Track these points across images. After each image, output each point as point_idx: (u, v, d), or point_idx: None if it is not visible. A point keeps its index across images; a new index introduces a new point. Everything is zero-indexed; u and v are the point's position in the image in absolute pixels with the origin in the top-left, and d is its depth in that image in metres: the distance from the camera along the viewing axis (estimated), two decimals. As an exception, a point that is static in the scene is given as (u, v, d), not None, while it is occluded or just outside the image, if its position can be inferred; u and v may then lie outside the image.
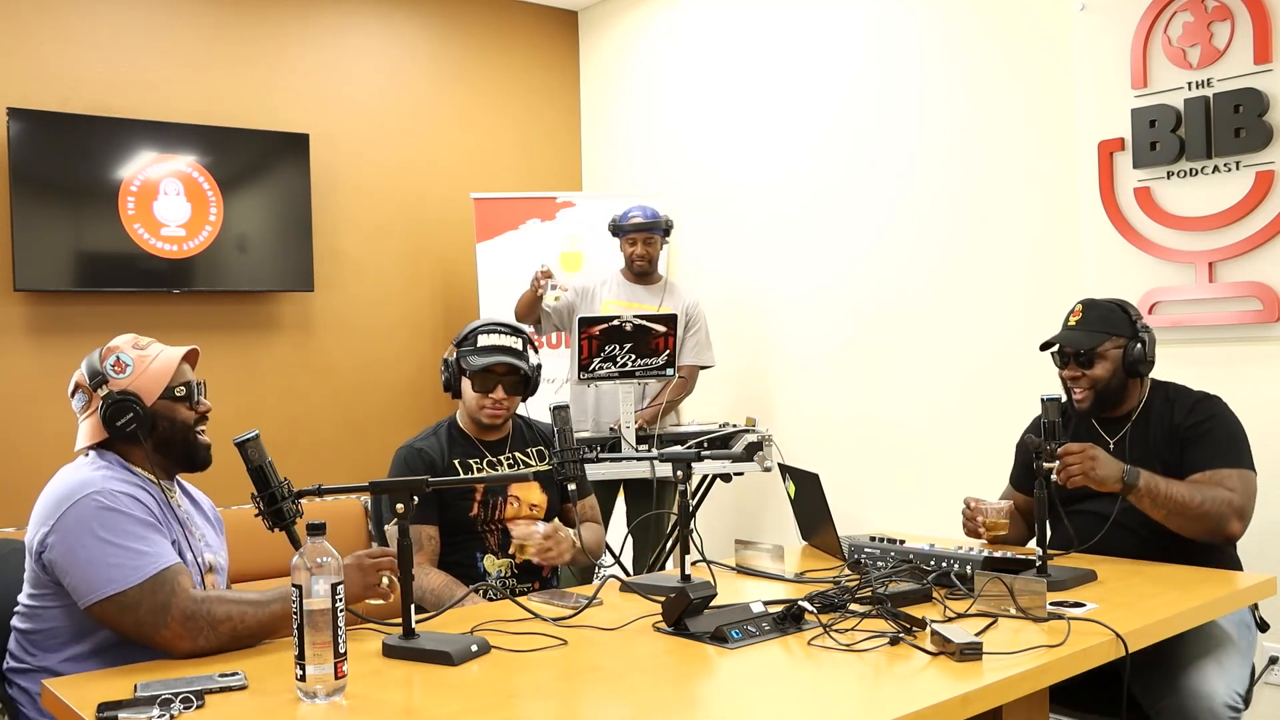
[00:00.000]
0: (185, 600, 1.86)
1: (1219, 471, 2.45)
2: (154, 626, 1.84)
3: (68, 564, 1.87)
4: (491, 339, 2.70)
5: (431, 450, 2.69)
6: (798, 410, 4.62)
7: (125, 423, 1.98)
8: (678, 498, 2.26)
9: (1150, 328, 2.64)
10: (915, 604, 2.06)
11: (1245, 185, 3.22)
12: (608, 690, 1.69)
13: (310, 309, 4.96)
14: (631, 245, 4.27)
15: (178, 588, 1.87)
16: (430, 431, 2.77)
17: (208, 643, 1.85)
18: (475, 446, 2.74)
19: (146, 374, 2.03)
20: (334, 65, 5.05)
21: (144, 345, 2.08)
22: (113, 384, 2.00)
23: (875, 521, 3.78)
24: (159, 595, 1.84)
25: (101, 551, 1.85)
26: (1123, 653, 1.85)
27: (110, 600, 1.84)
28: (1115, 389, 2.59)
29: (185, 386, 2.07)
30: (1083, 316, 2.64)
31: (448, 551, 2.64)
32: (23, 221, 4.21)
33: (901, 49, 4.23)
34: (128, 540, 1.87)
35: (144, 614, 1.84)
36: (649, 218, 4.25)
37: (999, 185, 3.91)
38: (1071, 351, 2.61)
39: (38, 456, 4.17)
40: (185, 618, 1.84)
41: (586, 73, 5.80)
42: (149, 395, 2.02)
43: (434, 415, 5.08)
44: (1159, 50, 3.39)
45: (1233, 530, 2.41)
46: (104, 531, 1.86)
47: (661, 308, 4.11)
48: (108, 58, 4.49)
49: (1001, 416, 3.68)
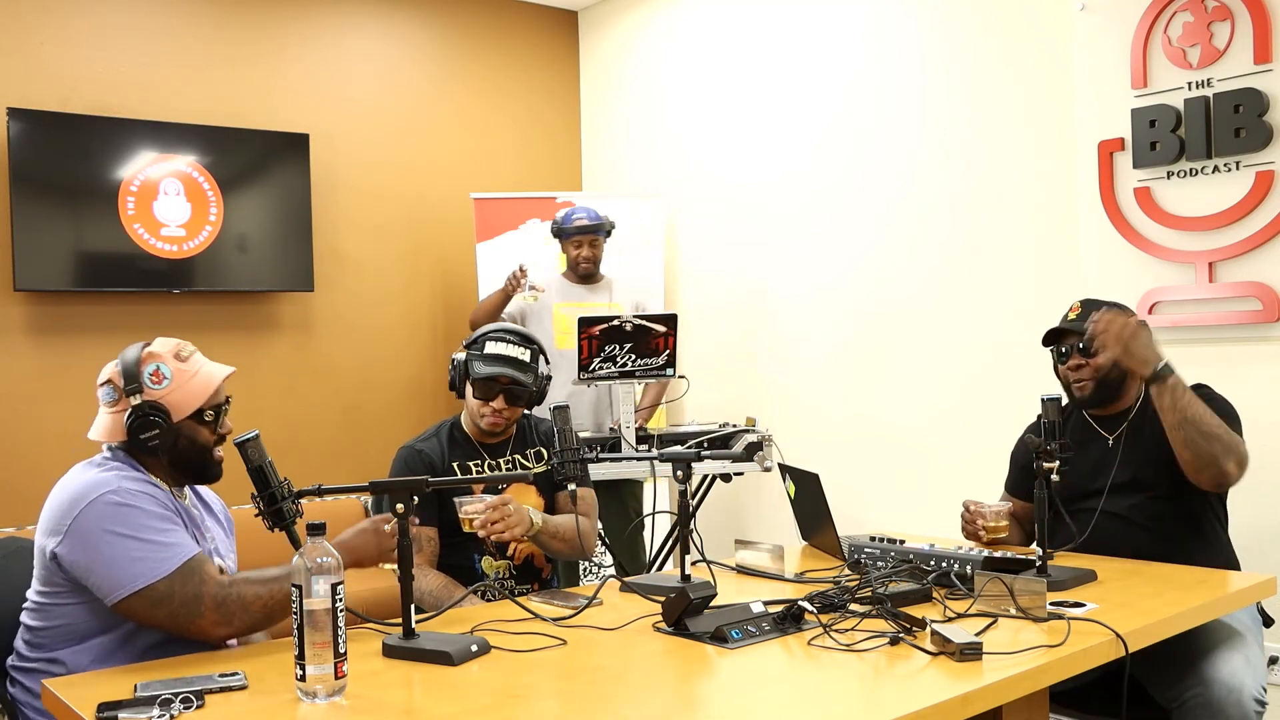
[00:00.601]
0: (215, 587, 1.88)
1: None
2: (189, 617, 1.87)
3: (89, 563, 1.86)
4: (500, 348, 2.65)
5: (432, 451, 2.68)
6: (798, 410, 4.62)
7: (149, 437, 1.97)
8: (679, 498, 2.26)
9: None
10: (915, 604, 2.06)
11: (1245, 185, 3.22)
12: (608, 690, 1.69)
13: (310, 309, 4.96)
14: (577, 248, 4.29)
15: (206, 576, 1.89)
16: (432, 432, 2.76)
17: (243, 624, 1.89)
18: (475, 449, 2.73)
19: (182, 390, 2.01)
20: (334, 65, 5.06)
21: (186, 357, 2.05)
22: (147, 394, 1.98)
23: (875, 521, 3.78)
24: (189, 585, 1.86)
25: (124, 547, 1.85)
26: (1123, 653, 1.85)
27: (140, 595, 1.85)
28: (1116, 379, 2.60)
29: (215, 410, 2.05)
30: (1081, 311, 2.67)
31: (446, 553, 2.63)
32: (23, 221, 4.21)
33: (901, 49, 4.23)
34: (148, 534, 1.88)
35: (177, 606, 1.86)
36: (593, 219, 4.27)
37: (999, 185, 3.91)
38: (1075, 341, 2.61)
39: (38, 456, 4.18)
40: (218, 604, 1.87)
41: (586, 73, 5.80)
42: (178, 412, 2.00)
43: (433, 415, 5.11)
44: (1159, 50, 3.39)
45: (1229, 469, 2.40)
46: (122, 528, 1.87)
47: (613, 305, 4.13)
48: (108, 58, 4.49)
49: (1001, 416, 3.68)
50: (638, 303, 4.36)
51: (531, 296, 4.27)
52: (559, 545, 2.58)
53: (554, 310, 4.29)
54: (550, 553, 2.65)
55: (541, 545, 2.59)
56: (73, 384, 4.30)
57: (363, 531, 2.07)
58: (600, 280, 4.38)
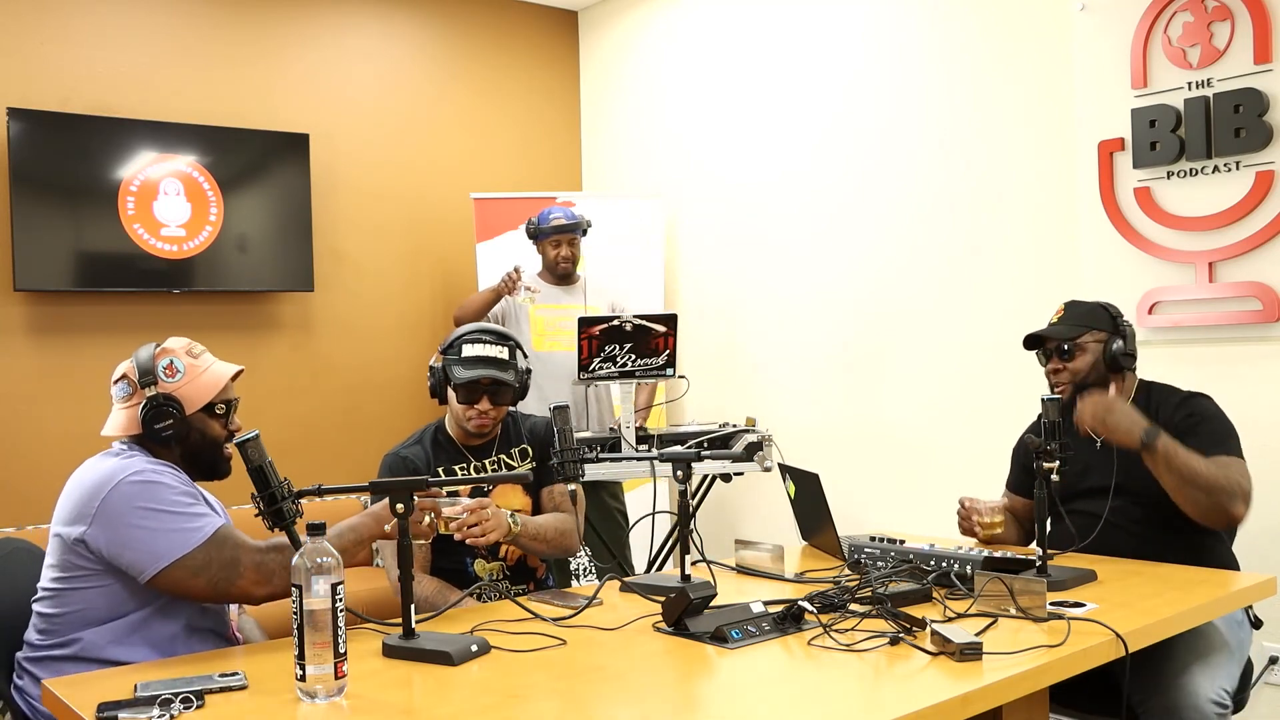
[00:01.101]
0: (252, 552, 1.97)
1: (1219, 459, 2.43)
2: (229, 581, 1.95)
3: (122, 543, 1.92)
4: (477, 349, 2.62)
5: (416, 458, 2.65)
6: (798, 410, 4.62)
7: (164, 427, 2.05)
8: (679, 498, 2.26)
9: (1131, 324, 2.65)
10: (915, 604, 2.06)
11: (1245, 185, 3.22)
12: (608, 690, 1.69)
13: (310, 309, 4.96)
14: (555, 248, 4.28)
15: (240, 541, 1.98)
16: (415, 439, 2.73)
17: (281, 583, 1.96)
18: (460, 452, 2.71)
19: (195, 383, 2.09)
20: (334, 65, 5.06)
21: (197, 354, 2.14)
22: (161, 386, 2.06)
23: (875, 521, 3.79)
24: (225, 551, 1.95)
25: (157, 521, 1.93)
26: (1123, 653, 1.85)
27: (177, 565, 1.92)
28: (1094, 382, 2.60)
29: (225, 404, 2.15)
30: (1064, 314, 2.68)
31: (437, 557, 2.62)
32: (23, 221, 4.21)
33: (901, 49, 4.23)
34: (177, 507, 1.96)
35: (216, 571, 1.94)
36: (570, 219, 4.26)
37: (999, 185, 3.91)
38: (1053, 345, 2.63)
39: (38, 456, 4.17)
40: (257, 566, 1.96)
41: (586, 73, 5.80)
42: (191, 405, 2.08)
43: (434, 414, 5.09)
44: (1159, 50, 3.39)
45: (1237, 511, 2.39)
46: (152, 503, 1.94)
47: (587, 307, 4.13)
48: (108, 58, 4.50)
49: (1001, 416, 3.68)
50: (613, 303, 4.35)
51: (528, 298, 4.27)
52: (540, 546, 2.53)
53: (530, 312, 4.29)
54: (533, 554, 2.63)
55: (523, 548, 2.57)
56: (73, 384, 4.30)
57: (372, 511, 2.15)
58: (576, 281, 4.38)
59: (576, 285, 4.37)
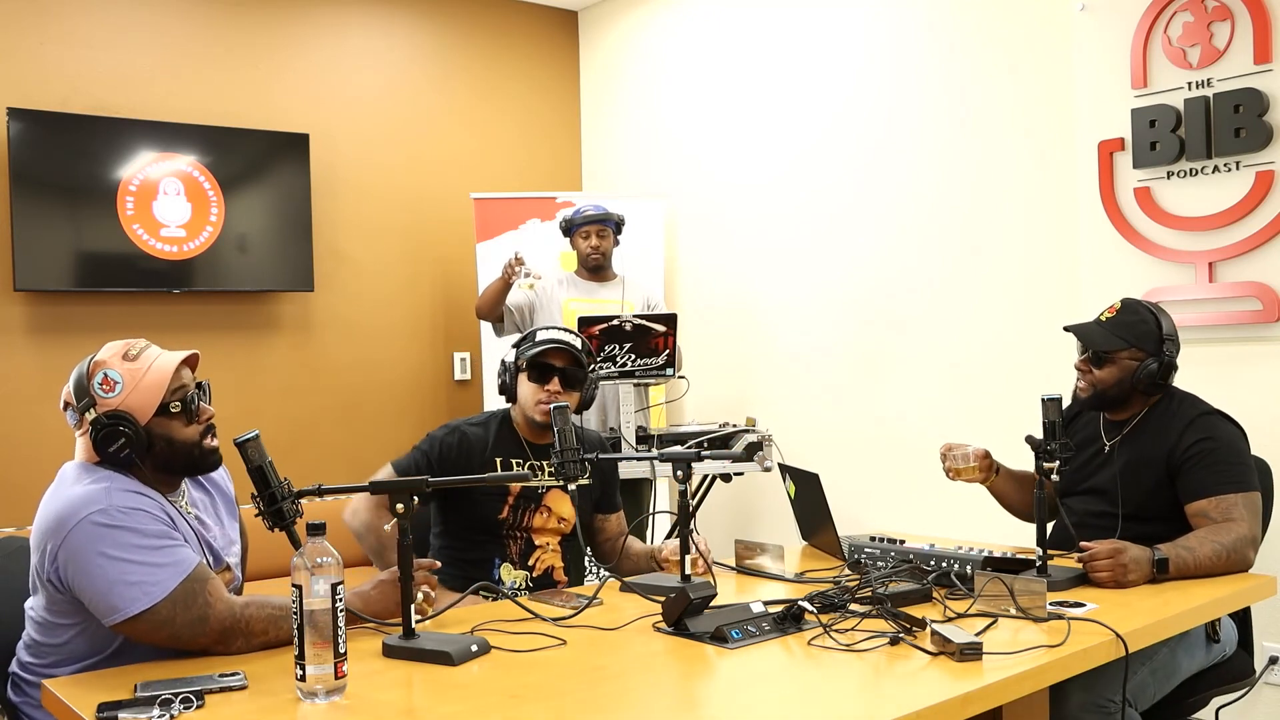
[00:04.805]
0: (223, 612, 1.83)
1: (1224, 499, 2.38)
2: (191, 638, 1.82)
3: (83, 585, 1.80)
4: (551, 333, 2.67)
5: (474, 437, 2.64)
6: (798, 410, 4.62)
7: (118, 449, 1.85)
8: (679, 497, 2.26)
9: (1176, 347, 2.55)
10: (915, 604, 2.06)
11: (1245, 185, 3.22)
12: (608, 690, 1.69)
13: (310, 309, 4.96)
14: (585, 239, 4.30)
15: (211, 597, 1.82)
16: (484, 418, 2.71)
17: (243, 648, 1.85)
18: (521, 446, 2.68)
19: (138, 390, 1.88)
20: (334, 65, 5.05)
21: (135, 355, 1.92)
22: (101, 405, 1.86)
23: (875, 521, 3.79)
24: (193, 608, 1.80)
25: (118, 570, 1.77)
26: (1123, 653, 1.85)
27: (138, 618, 1.78)
28: (1115, 396, 2.57)
29: (180, 401, 1.92)
30: (1114, 317, 2.59)
31: (466, 549, 2.61)
32: (23, 221, 4.21)
33: (901, 49, 4.23)
34: (141, 555, 1.79)
35: (180, 628, 1.80)
36: (600, 211, 4.28)
37: (999, 185, 3.91)
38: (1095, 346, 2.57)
39: (38, 456, 4.17)
40: (222, 630, 1.82)
41: (586, 73, 5.80)
42: (143, 414, 1.89)
43: (433, 415, 5.11)
44: (1159, 50, 3.39)
45: (1250, 562, 2.35)
46: (114, 550, 1.78)
47: (625, 302, 4.12)
48: (108, 58, 4.49)
49: (1001, 416, 3.68)
50: (648, 299, 4.35)
51: (528, 284, 4.27)
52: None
53: (564, 305, 4.29)
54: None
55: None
56: (73, 384, 4.30)
57: (381, 585, 2.05)
58: (613, 278, 4.38)
59: (614, 281, 4.37)
